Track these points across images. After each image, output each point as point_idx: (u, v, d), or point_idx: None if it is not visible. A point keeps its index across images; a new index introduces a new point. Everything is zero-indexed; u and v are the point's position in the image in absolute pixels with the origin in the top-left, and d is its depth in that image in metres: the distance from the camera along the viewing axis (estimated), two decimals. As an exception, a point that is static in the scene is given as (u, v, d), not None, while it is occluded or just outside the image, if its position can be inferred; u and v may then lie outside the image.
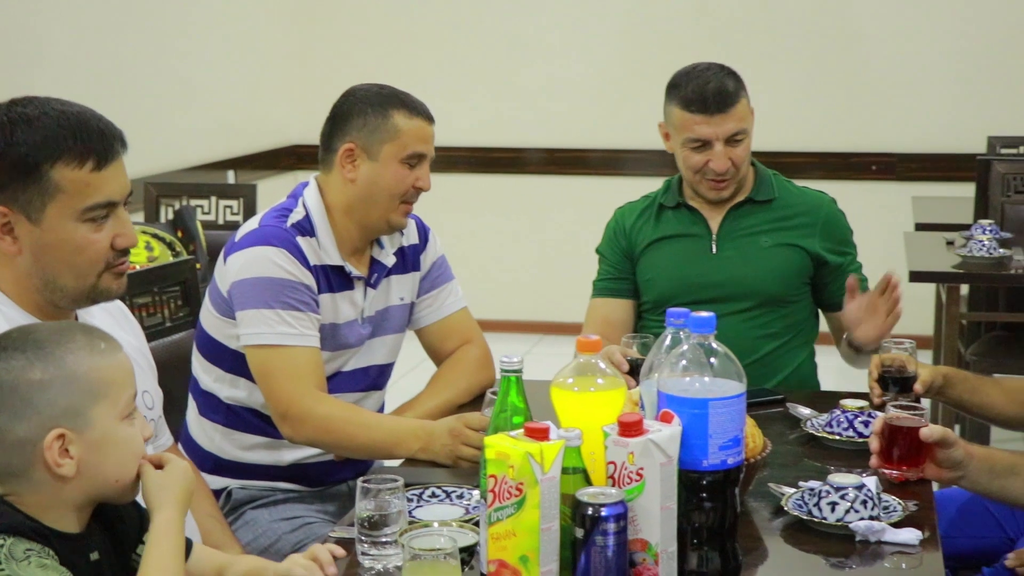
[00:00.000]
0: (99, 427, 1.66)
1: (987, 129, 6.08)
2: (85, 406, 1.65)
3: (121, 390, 1.69)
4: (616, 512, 1.67)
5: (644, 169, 6.69)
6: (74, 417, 1.64)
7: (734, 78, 2.98)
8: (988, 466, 2.22)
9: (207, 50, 6.18)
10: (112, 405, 1.67)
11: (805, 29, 6.49)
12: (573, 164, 6.92)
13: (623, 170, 6.79)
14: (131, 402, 1.71)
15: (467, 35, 6.90)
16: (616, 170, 6.80)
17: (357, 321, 2.70)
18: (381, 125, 2.63)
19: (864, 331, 2.82)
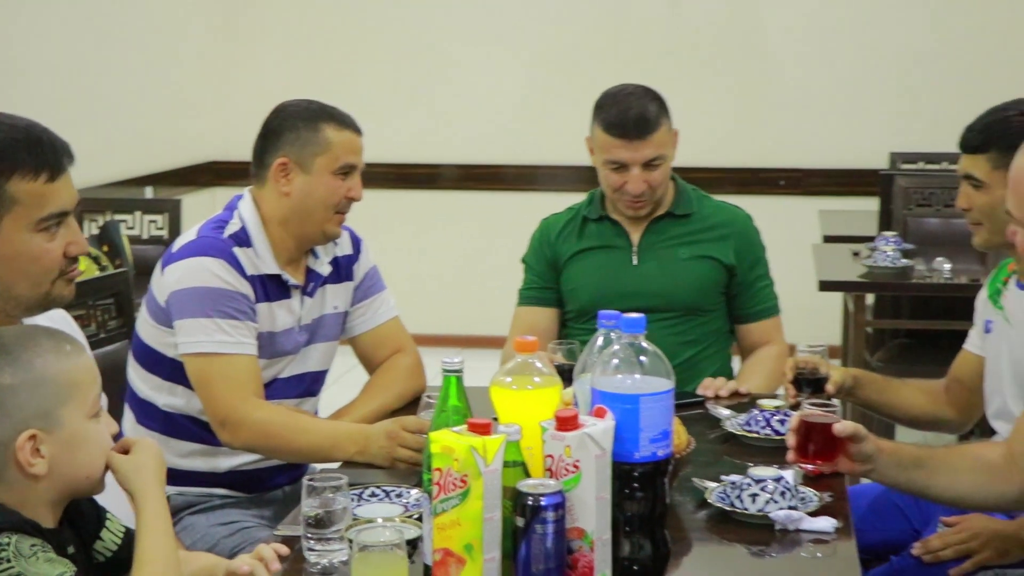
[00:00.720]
0: (69, 426, 1.73)
1: (889, 145, 6.29)
2: (55, 407, 1.72)
3: (88, 390, 1.76)
4: (555, 502, 1.77)
5: (558, 184, 6.82)
6: (44, 418, 1.71)
7: (658, 104, 3.10)
8: (896, 459, 2.35)
9: (125, 66, 6.19)
10: (80, 405, 1.74)
11: (716, 48, 6.67)
12: (488, 180, 7.02)
13: (537, 185, 6.91)
14: (97, 401, 1.78)
15: (384, 52, 6.98)
16: (530, 185, 6.92)
17: (294, 329, 2.78)
18: (312, 139, 2.72)
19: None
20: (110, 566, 1.88)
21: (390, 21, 6.99)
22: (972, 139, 2.66)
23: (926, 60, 6.52)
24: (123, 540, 1.90)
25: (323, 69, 6.99)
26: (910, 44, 6.53)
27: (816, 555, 2.10)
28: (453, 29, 6.93)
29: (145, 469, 1.81)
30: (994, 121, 2.64)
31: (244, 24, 7.10)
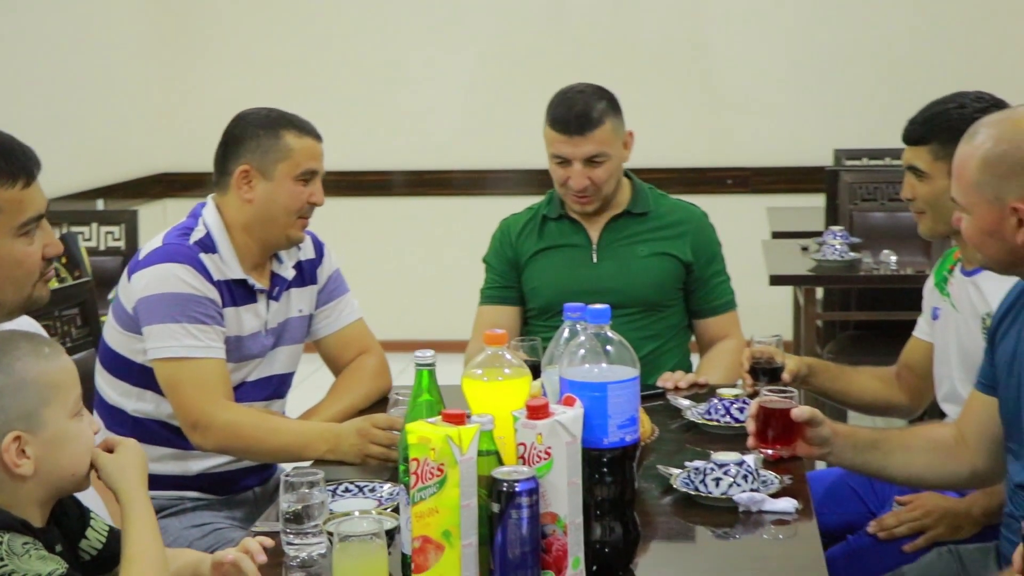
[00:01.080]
0: (52, 427, 1.78)
1: (833, 142, 6.41)
2: (37, 408, 1.76)
3: (69, 391, 1.81)
4: (529, 487, 1.83)
5: (507, 188, 6.90)
6: (28, 419, 1.75)
7: (606, 103, 3.17)
8: (852, 442, 2.44)
9: (73, 79, 6.19)
10: (62, 405, 1.79)
11: (662, 50, 6.76)
12: (438, 185, 7.08)
13: (487, 190, 6.98)
14: (79, 400, 1.83)
15: (333, 62, 7.01)
16: (480, 190, 6.99)
17: (261, 333, 2.82)
18: (273, 146, 2.76)
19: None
20: (95, 565, 1.92)
21: (338, 31, 7.02)
22: (914, 131, 2.75)
23: (867, 59, 6.65)
24: (107, 539, 1.94)
25: (272, 79, 7.01)
26: (851, 44, 6.66)
27: (779, 536, 2.18)
28: (401, 37, 6.97)
29: (130, 468, 1.85)
30: (935, 114, 2.73)
31: (192, 36, 7.11)
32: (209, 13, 7.10)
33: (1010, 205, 2.11)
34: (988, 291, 2.70)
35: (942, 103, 2.75)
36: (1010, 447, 2.29)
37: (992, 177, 2.12)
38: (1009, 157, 2.11)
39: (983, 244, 2.19)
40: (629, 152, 3.25)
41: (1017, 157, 2.10)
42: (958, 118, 2.67)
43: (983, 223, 2.16)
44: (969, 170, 2.16)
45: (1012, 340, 2.29)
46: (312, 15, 7.04)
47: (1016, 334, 2.28)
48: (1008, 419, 2.28)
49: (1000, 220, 2.13)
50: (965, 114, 2.67)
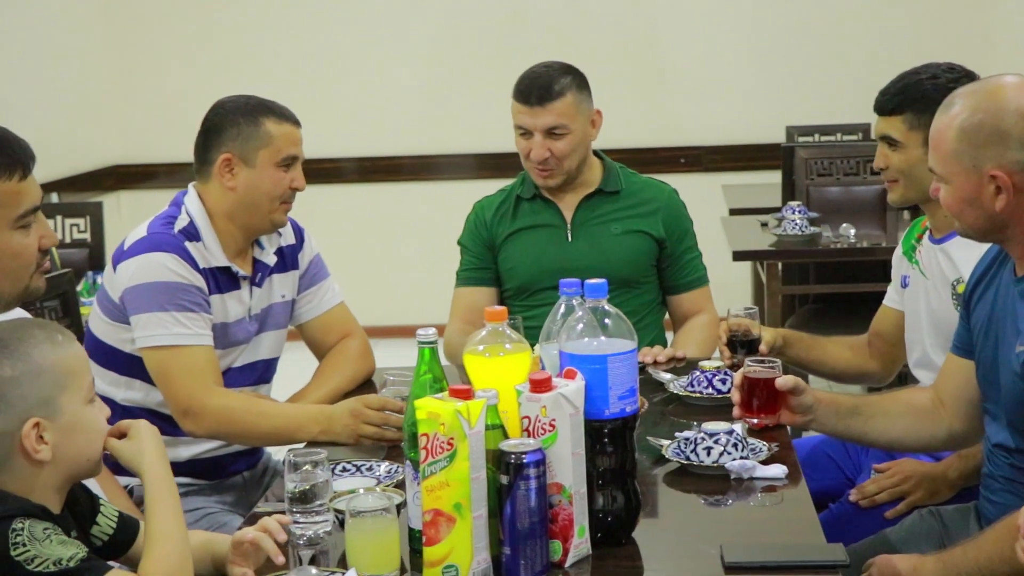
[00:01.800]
0: (68, 413, 1.80)
1: (784, 120, 6.50)
2: (54, 395, 1.79)
3: (83, 377, 1.83)
4: (536, 459, 1.88)
5: (456, 173, 6.94)
6: (46, 406, 1.78)
7: (571, 78, 3.24)
8: (834, 409, 2.50)
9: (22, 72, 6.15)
10: (77, 391, 1.81)
11: (612, 31, 6.81)
12: (388, 172, 7.09)
13: (436, 175, 7.02)
14: (92, 387, 1.85)
15: (281, 50, 7.01)
16: (429, 175, 7.02)
17: (245, 319, 2.85)
18: (254, 133, 2.79)
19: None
20: (106, 550, 1.95)
21: (288, 19, 7.02)
22: (888, 102, 2.81)
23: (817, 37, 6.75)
24: (118, 524, 1.97)
25: (222, 69, 7.00)
26: (801, 22, 6.75)
27: (771, 501, 2.25)
28: (347, 24, 6.97)
29: (148, 450, 1.88)
30: (908, 84, 2.80)
31: (141, 27, 7.07)
32: (159, 3, 7.07)
33: (988, 173, 2.17)
34: (958, 258, 2.77)
35: (914, 73, 2.82)
36: (987, 408, 2.37)
37: (970, 146, 2.19)
38: (986, 126, 2.17)
39: (962, 212, 2.25)
40: (597, 131, 3.30)
41: (993, 125, 2.16)
42: (932, 88, 2.74)
43: (962, 192, 2.22)
44: (947, 140, 2.22)
45: (987, 304, 2.36)
46: (262, 4, 7.02)
47: (991, 298, 2.35)
48: (985, 381, 2.35)
49: (979, 188, 2.19)
50: (939, 84, 2.74)
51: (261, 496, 2.96)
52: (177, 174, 7.07)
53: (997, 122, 2.16)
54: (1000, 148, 2.16)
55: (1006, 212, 2.19)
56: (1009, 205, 2.18)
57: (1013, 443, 2.26)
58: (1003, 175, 2.16)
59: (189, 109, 7.22)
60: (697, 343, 3.21)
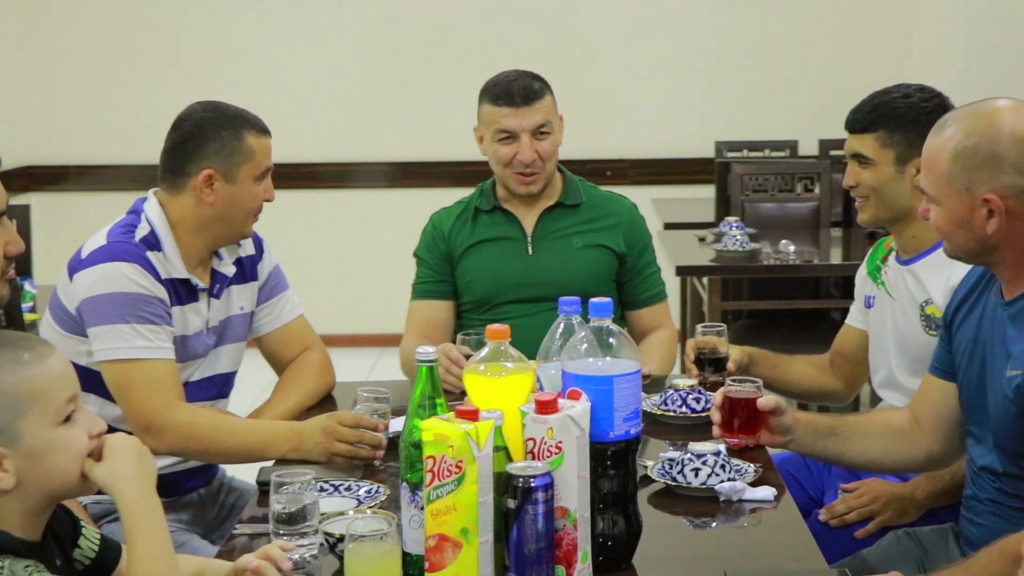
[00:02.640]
0: (31, 438, 1.69)
1: (713, 135, 6.53)
2: (11, 421, 1.68)
3: (50, 397, 1.71)
4: (545, 483, 1.83)
5: (372, 181, 6.86)
6: (2, 433, 1.67)
7: (540, 81, 3.24)
8: (812, 429, 2.49)
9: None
10: (42, 414, 1.70)
11: (538, 43, 6.79)
12: (308, 178, 6.99)
13: (351, 183, 6.95)
14: (66, 405, 1.73)
15: (201, 53, 6.88)
16: (347, 183, 6.95)
17: (203, 331, 2.75)
18: (237, 148, 2.68)
19: None
20: (89, 574, 1.85)
21: (208, 22, 6.89)
22: (860, 120, 2.81)
23: (746, 53, 6.79)
24: (99, 547, 1.87)
25: (139, 70, 6.86)
26: (730, 38, 6.80)
27: (763, 523, 2.21)
28: (269, 29, 6.87)
29: (123, 473, 1.75)
30: (881, 103, 2.80)
31: (54, 26, 6.90)
32: (73, 3, 6.88)
33: (981, 196, 2.17)
34: (927, 279, 2.78)
35: (886, 93, 2.82)
36: (971, 431, 2.36)
37: (963, 169, 2.18)
38: (981, 150, 2.17)
39: (953, 234, 2.25)
40: (561, 136, 3.27)
41: (988, 149, 2.16)
42: (904, 107, 2.75)
43: (953, 214, 2.22)
44: (940, 162, 2.22)
45: (972, 326, 2.36)
46: (180, 6, 6.88)
47: (976, 320, 2.35)
48: (970, 404, 2.35)
49: (971, 211, 2.19)
50: (911, 103, 2.76)
51: (216, 513, 2.88)
52: (89, 176, 6.90)
53: (992, 146, 2.16)
54: (994, 172, 2.16)
55: (997, 235, 2.19)
56: (1001, 229, 2.18)
57: (1000, 467, 2.25)
58: (996, 199, 2.16)
59: (102, 111, 7.13)
60: (658, 359, 3.18)
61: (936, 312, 2.75)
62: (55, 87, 6.88)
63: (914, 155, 2.74)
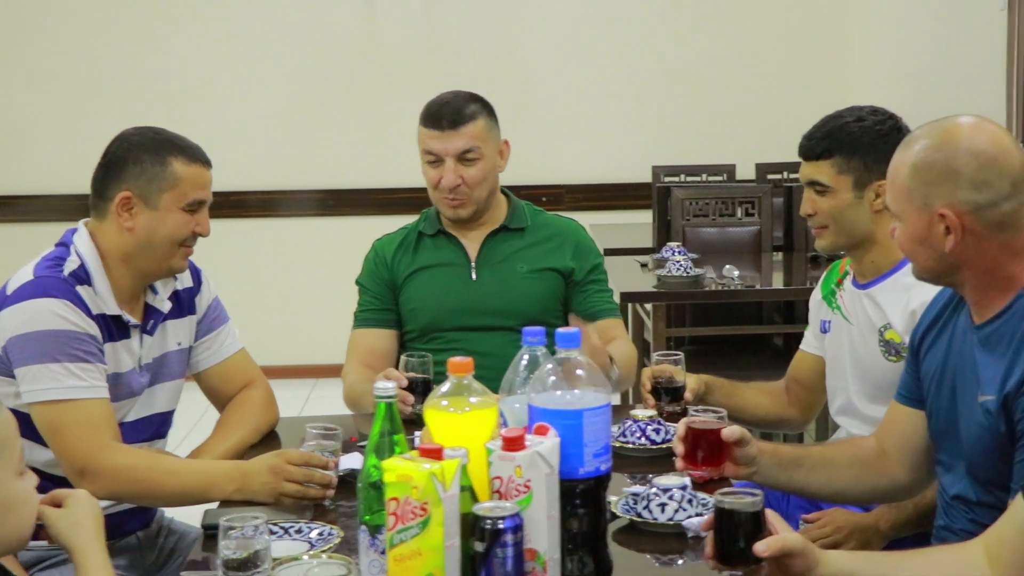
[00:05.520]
0: None
1: (649, 159, 6.49)
2: None
3: (13, 447, 1.63)
4: (514, 524, 1.73)
5: (301, 209, 6.76)
6: None
7: (479, 105, 3.14)
8: (776, 460, 2.41)
9: None
10: (6, 466, 1.61)
11: (474, 67, 6.72)
12: (235, 207, 6.86)
13: (280, 211, 6.84)
14: (22, 457, 1.64)
15: (125, 78, 6.74)
16: (272, 211, 6.84)
17: (135, 369, 2.63)
18: (159, 173, 2.57)
19: None
20: None
21: (134, 49, 6.75)
22: (815, 146, 2.76)
23: (682, 79, 6.77)
24: None
25: (66, 96, 6.70)
26: (666, 63, 6.78)
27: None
28: (198, 56, 6.75)
29: (82, 526, 1.68)
30: (834, 128, 2.74)
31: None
32: (7, 22, 6.71)
33: (937, 211, 2.11)
34: (885, 304, 2.73)
35: (838, 117, 2.77)
36: (941, 459, 2.30)
37: (921, 183, 2.13)
38: (937, 163, 2.12)
39: (914, 252, 2.19)
40: (505, 162, 3.20)
41: (945, 163, 2.11)
42: (858, 131, 2.70)
43: (913, 230, 2.16)
44: (901, 176, 2.16)
45: (940, 351, 2.30)
46: (113, 31, 6.75)
47: (944, 345, 2.29)
48: (940, 432, 2.29)
49: (929, 227, 2.13)
50: (865, 127, 2.71)
51: (155, 558, 2.76)
52: (15, 206, 6.72)
53: (948, 160, 2.11)
54: (950, 187, 2.11)
55: (956, 254, 2.13)
56: (958, 246, 2.12)
57: (974, 495, 2.19)
58: (951, 215, 2.11)
59: (28, 139, 6.93)
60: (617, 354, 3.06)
61: (895, 337, 2.69)
62: None
63: (872, 179, 2.69)
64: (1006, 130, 2.18)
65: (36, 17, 6.74)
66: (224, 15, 6.74)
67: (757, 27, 6.78)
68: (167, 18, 6.75)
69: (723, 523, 1.89)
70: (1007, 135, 2.16)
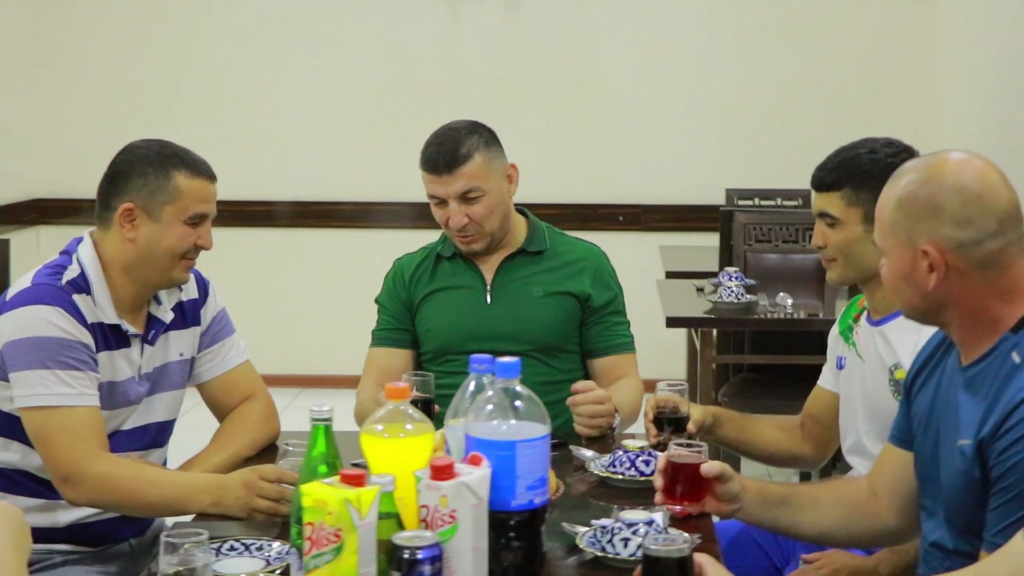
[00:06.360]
0: None
1: (725, 182, 6.40)
2: None
3: None
4: (432, 554, 1.71)
5: (394, 221, 6.78)
6: None
7: (477, 137, 3.05)
8: (761, 498, 2.35)
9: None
10: None
11: (554, 85, 6.70)
12: (324, 217, 6.93)
13: (373, 222, 6.87)
14: None
15: (216, 87, 6.84)
16: (366, 222, 6.87)
17: (135, 378, 2.65)
18: (162, 186, 2.59)
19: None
20: None
21: (221, 56, 6.85)
22: (825, 178, 2.70)
23: (759, 100, 6.67)
24: None
25: (153, 103, 6.82)
26: (744, 84, 6.68)
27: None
28: (286, 65, 6.82)
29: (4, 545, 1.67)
30: (846, 159, 2.68)
31: (70, 59, 6.88)
32: (89, 36, 6.88)
33: (920, 248, 2.04)
34: (896, 342, 2.65)
35: (852, 148, 2.70)
36: (924, 504, 2.22)
37: (905, 218, 2.06)
38: (920, 198, 2.05)
39: (899, 290, 2.12)
40: (514, 186, 3.14)
41: (928, 198, 2.04)
42: (870, 163, 2.63)
43: (897, 266, 2.10)
44: (886, 210, 2.10)
45: (928, 394, 2.22)
46: (197, 41, 6.86)
47: (933, 387, 2.21)
48: (923, 475, 2.21)
49: (913, 263, 2.06)
50: (877, 159, 2.64)
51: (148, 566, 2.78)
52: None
53: (933, 195, 2.04)
54: (933, 223, 2.04)
55: (940, 292, 2.05)
56: (942, 284, 2.04)
57: (951, 543, 2.11)
58: (934, 251, 2.03)
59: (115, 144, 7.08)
60: (620, 396, 3.01)
61: (904, 376, 2.61)
62: (66, 120, 6.85)
63: None
64: (996, 167, 2.10)
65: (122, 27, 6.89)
66: (310, 30, 6.81)
67: (840, 51, 6.64)
68: (254, 33, 6.83)
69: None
70: (996, 172, 2.08)
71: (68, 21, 6.86)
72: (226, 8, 6.84)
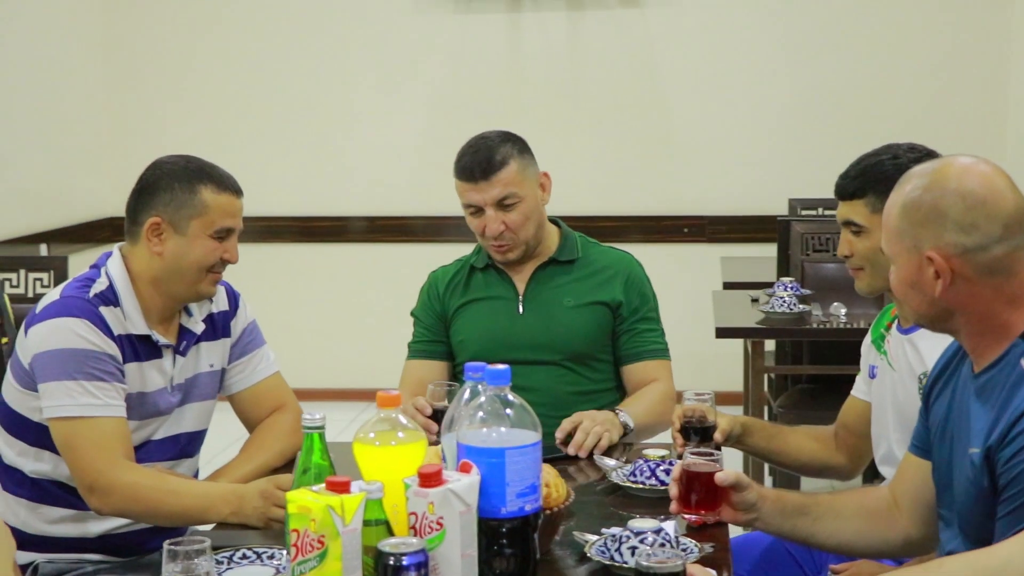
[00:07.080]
0: None
1: (788, 192, 6.34)
2: None
3: None
4: (417, 561, 1.71)
5: (465, 235, 6.78)
6: None
7: (510, 145, 3.09)
8: (779, 507, 2.32)
9: (16, 120, 6.09)
10: None
11: (617, 97, 6.68)
12: (395, 231, 6.97)
13: (445, 236, 6.88)
14: None
15: (286, 104, 6.92)
16: (438, 236, 6.89)
17: (166, 389, 2.69)
18: (188, 200, 2.63)
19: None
20: None
21: (291, 72, 6.93)
22: (848, 186, 2.67)
23: (822, 109, 6.60)
24: None
25: (224, 121, 6.92)
26: (807, 93, 6.61)
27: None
28: (355, 79, 6.89)
29: None
30: (868, 166, 2.66)
31: (145, 79, 7.02)
32: (162, 56, 7.01)
33: (925, 254, 2.01)
34: (924, 350, 2.60)
35: (875, 155, 2.68)
36: (942, 514, 2.18)
37: (910, 224, 2.04)
38: (924, 204, 2.02)
39: (907, 297, 2.09)
40: (548, 194, 3.15)
41: (932, 204, 2.01)
42: (893, 169, 2.59)
43: (904, 273, 2.07)
44: (891, 216, 2.08)
45: (945, 402, 2.18)
46: (267, 59, 6.95)
47: (949, 396, 2.17)
48: (940, 484, 2.17)
49: (919, 270, 2.04)
50: (900, 164, 2.60)
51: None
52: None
53: (936, 201, 2.01)
54: (937, 229, 2.01)
55: (947, 299, 2.02)
56: (948, 291, 2.01)
57: (963, 554, 2.07)
58: (939, 258, 2.00)
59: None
60: (645, 403, 3.00)
61: (930, 385, 2.57)
62: (141, 137, 6.98)
63: None
64: (1003, 172, 2.06)
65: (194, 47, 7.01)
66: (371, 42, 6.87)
67: (907, 59, 6.54)
68: (321, 54, 6.91)
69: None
70: (1002, 177, 2.04)
71: (145, 43, 7.00)
72: (293, 32, 6.92)
